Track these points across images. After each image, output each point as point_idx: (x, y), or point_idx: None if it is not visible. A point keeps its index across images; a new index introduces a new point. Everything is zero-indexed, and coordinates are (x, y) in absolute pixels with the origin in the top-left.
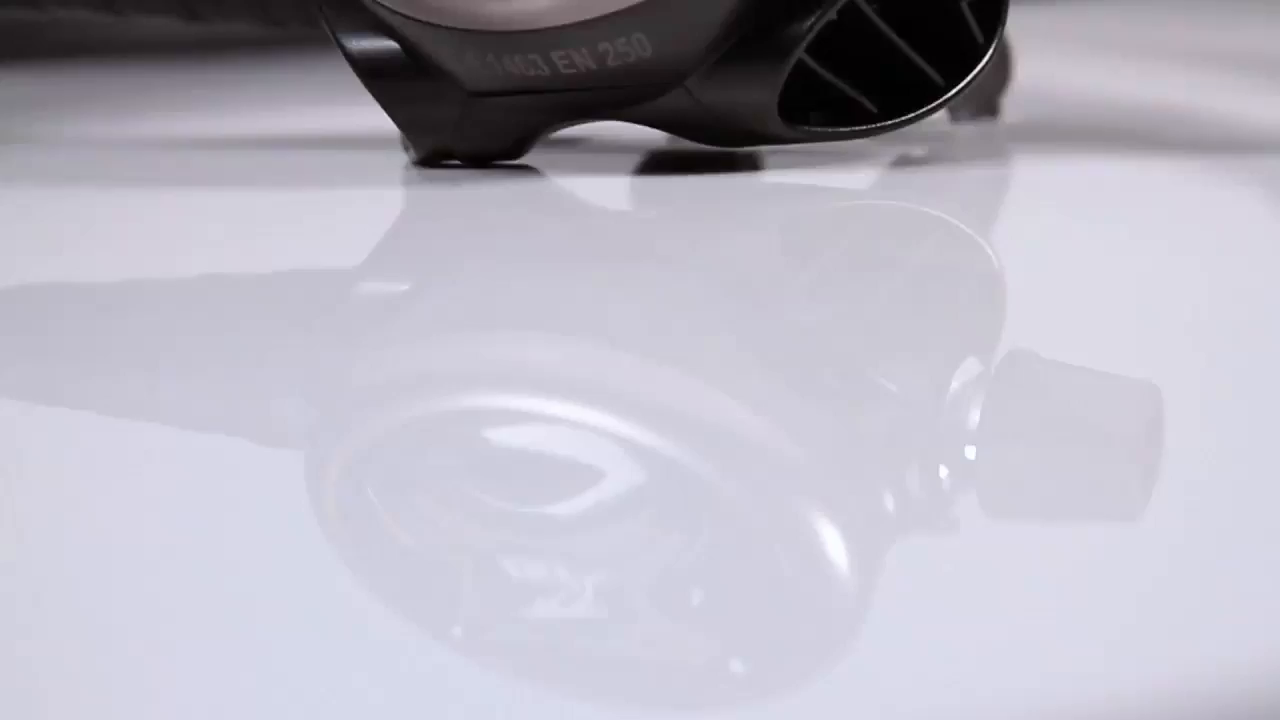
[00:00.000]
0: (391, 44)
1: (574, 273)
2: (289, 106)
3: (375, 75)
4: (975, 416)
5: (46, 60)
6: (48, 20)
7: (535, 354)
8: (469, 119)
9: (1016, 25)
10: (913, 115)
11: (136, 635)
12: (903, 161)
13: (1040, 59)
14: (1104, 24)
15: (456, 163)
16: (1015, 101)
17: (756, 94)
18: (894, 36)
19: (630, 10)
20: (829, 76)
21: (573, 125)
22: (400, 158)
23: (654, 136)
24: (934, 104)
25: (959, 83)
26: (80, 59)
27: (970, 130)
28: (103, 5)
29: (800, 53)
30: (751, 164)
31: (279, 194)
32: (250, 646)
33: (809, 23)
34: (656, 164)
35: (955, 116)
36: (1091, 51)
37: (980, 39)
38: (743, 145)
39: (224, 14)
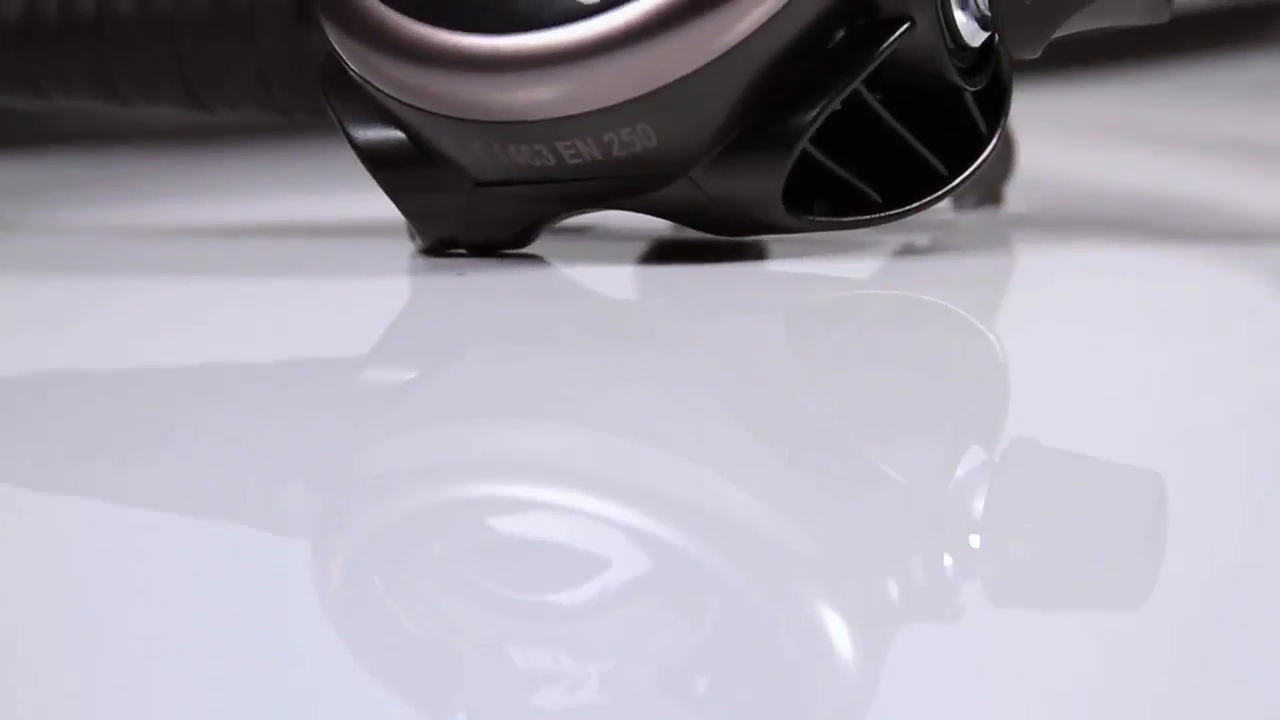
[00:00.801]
0: (397, 133)
1: (579, 360)
2: (294, 193)
3: (381, 164)
4: (980, 505)
5: (43, 144)
6: (51, 108)
7: (540, 441)
8: (474, 208)
9: (1020, 111)
10: (916, 205)
11: None
12: (906, 250)
13: (1044, 146)
14: (1107, 109)
15: (462, 251)
16: (1019, 190)
17: (761, 184)
18: (897, 126)
19: (636, 100)
20: (833, 166)
21: (578, 214)
22: (406, 245)
23: (658, 225)
24: (938, 194)
25: (963, 172)
26: (78, 143)
27: (974, 219)
28: (109, 95)
29: (805, 143)
30: (756, 252)
31: (284, 281)
32: None
33: (814, 113)
34: (661, 252)
35: (959, 205)
36: (1096, 138)
37: (984, 129)
38: (747, 234)
39: (230, 103)
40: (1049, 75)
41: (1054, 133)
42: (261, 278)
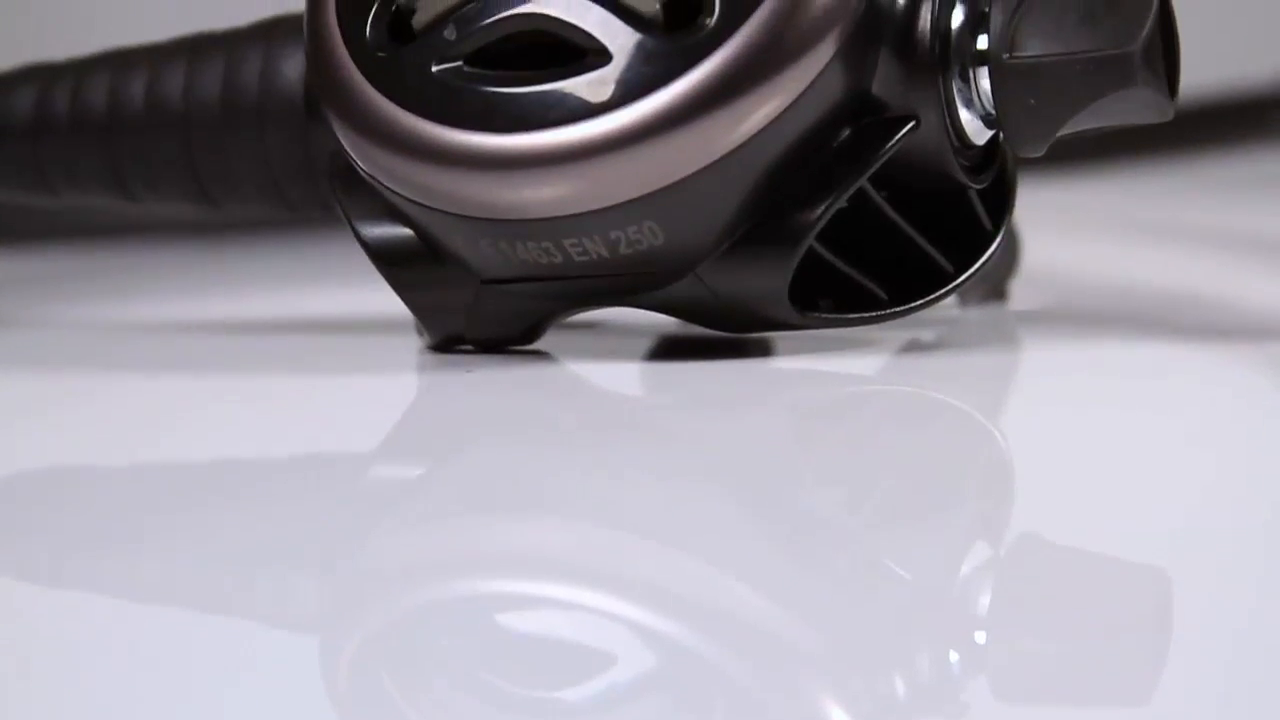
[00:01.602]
0: (405, 230)
1: (586, 456)
2: (302, 288)
3: (389, 261)
4: (985, 601)
5: (44, 238)
6: (59, 204)
7: (548, 537)
8: (482, 305)
9: (1024, 207)
10: (922, 302)
11: None
12: (912, 347)
13: (1049, 242)
14: (1111, 204)
15: (470, 348)
16: (1024, 285)
17: (767, 281)
18: (902, 224)
19: (642, 199)
20: (839, 264)
21: (585, 311)
22: (414, 342)
23: (665, 321)
24: (943, 291)
25: (967, 269)
26: (81, 237)
27: (979, 315)
28: (118, 191)
29: (810, 240)
30: (762, 349)
31: (292, 376)
32: None
33: (819, 211)
34: (667, 349)
35: (964, 301)
36: (1100, 233)
37: (989, 225)
38: (753, 331)
39: (239, 199)
40: (1053, 170)
41: (1058, 228)
42: (270, 373)
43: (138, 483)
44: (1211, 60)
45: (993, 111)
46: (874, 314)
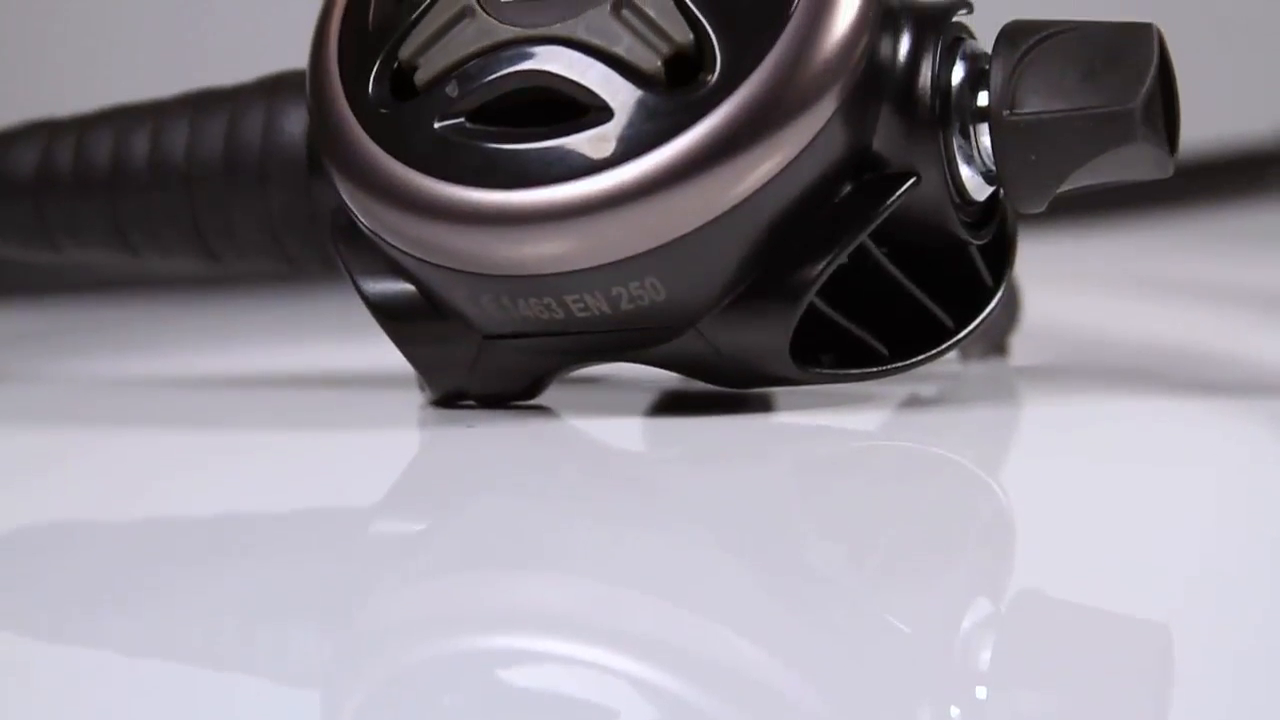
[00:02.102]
0: (407, 286)
1: (588, 513)
2: (303, 342)
3: (391, 316)
4: (986, 657)
5: (45, 293)
6: (62, 260)
7: (549, 593)
8: (484, 360)
9: (1025, 262)
10: (923, 357)
11: None
12: (913, 402)
13: (1049, 297)
14: (1111, 259)
15: (472, 403)
16: (1025, 341)
17: (768, 337)
18: (903, 280)
19: (644, 255)
20: (840, 319)
21: (586, 367)
22: (416, 397)
23: (667, 376)
24: (944, 346)
25: (968, 325)
26: (81, 292)
27: (980, 370)
28: (121, 246)
29: (811, 296)
30: (763, 404)
31: (294, 431)
32: None
33: (820, 267)
34: (669, 404)
35: (965, 356)
36: (1100, 288)
37: (989, 281)
38: (754, 387)
39: (242, 254)
40: (1053, 226)
41: (1059, 283)
42: (271, 428)
43: (138, 538)
44: (1211, 115)
45: (993, 168)
46: (875, 369)
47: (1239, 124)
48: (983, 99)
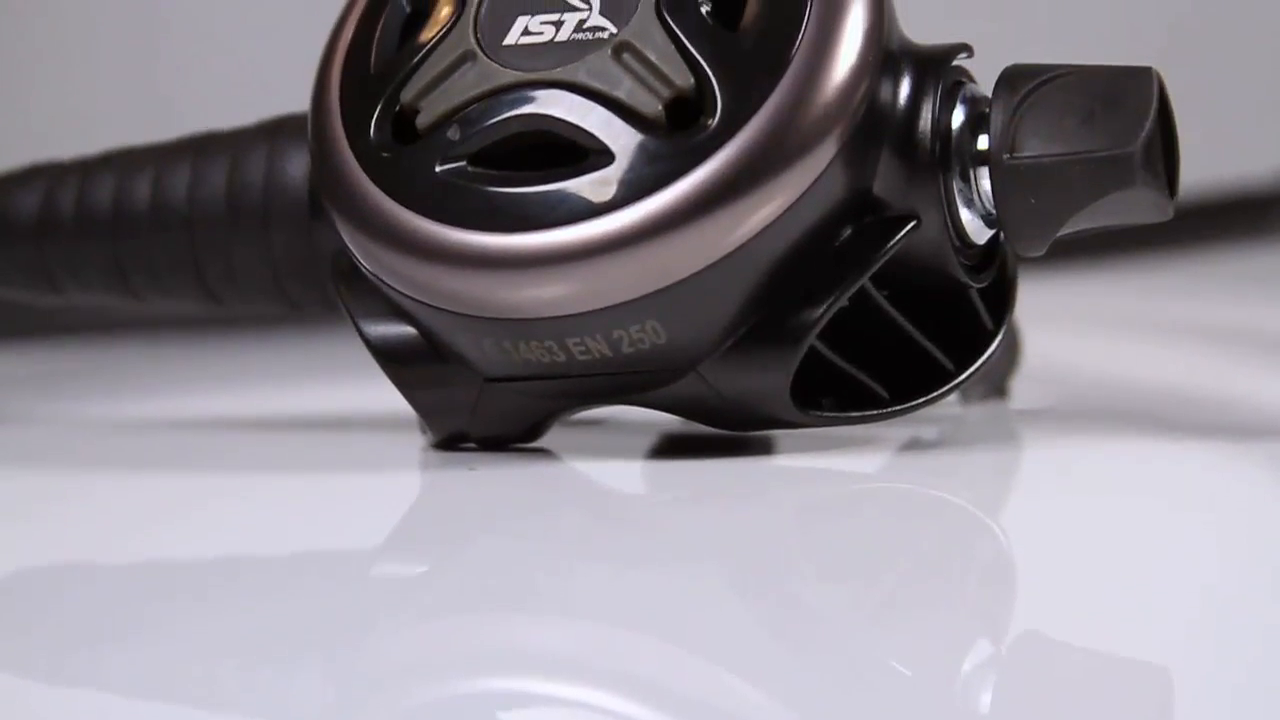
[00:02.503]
0: (409, 329)
1: (589, 555)
2: (304, 385)
3: (393, 359)
4: (986, 699)
5: (45, 335)
6: (64, 302)
7: (550, 635)
8: (485, 403)
9: (1025, 304)
10: (923, 400)
11: None
12: (913, 444)
13: (1050, 339)
14: (1111, 302)
15: (473, 445)
16: (1025, 383)
17: (769, 380)
18: (904, 323)
19: (644, 298)
20: (840, 362)
21: (587, 409)
22: (417, 440)
23: (667, 419)
24: (944, 389)
25: (969, 368)
26: (81, 333)
27: (980, 412)
28: (123, 289)
29: (812, 339)
30: (763, 447)
31: (296, 474)
32: None
33: (821, 310)
34: (670, 447)
35: (965, 399)
36: (1101, 331)
37: (989, 324)
38: (755, 429)
39: (244, 297)
40: (1053, 268)
41: (1059, 325)
42: (272, 469)
43: (139, 579)
44: (1211, 157)
45: (993, 211)
46: (875, 412)
47: (1239, 166)
48: (983, 142)
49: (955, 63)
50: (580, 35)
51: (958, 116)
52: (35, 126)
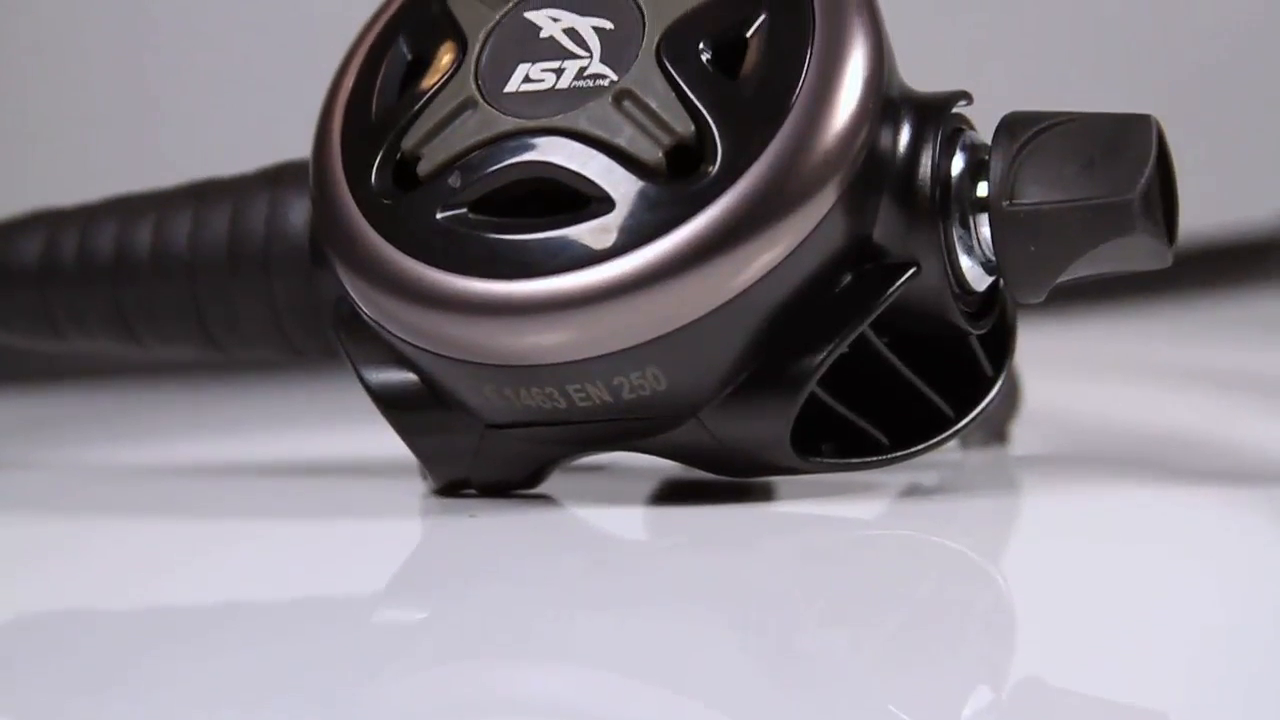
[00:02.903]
0: (409, 375)
1: (590, 602)
2: (305, 431)
3: (394, 406)
4: None
5: (45, 380)
6: (66, 348)
7: (551, 683)
8: (486, 450)
9: (1024, 348)
10: (923, 447)
11: None
12: (913, 490)
13: (1050, 384)
14: (1111, 347)
15: (474, 491)
16: (1025, 428)
17: (769, 427)
18: (903, 369)
19: (645, 344)
20: (840, 409)
21: (588, 456)
22: (418, 486)
23: (668, 464)
24: (943, 436)
25: (969, 413)
26: (80, 378)
27: (980, 458)
28: (125, 335)
29: (812, 386)
30: (764, 493)
31: (296, 520)
32: None
33: (821, 357)
34: (670, 493)
35: (965, 444)
36: (1100, 376)
37: (989, 370)
38: (755, 476)
39: (245, 343)
40: (1053, 313)
41: (1059, 370)
42: (273, 516)
43: (139, 626)
44: (1210, 203)
45: (993, 258)
46: (875, 459)
47: (1238, 211)
48: (982, 189)
49: (955, 110)
50: (581, 83)
51: (957, 163)
52: (38, 175)
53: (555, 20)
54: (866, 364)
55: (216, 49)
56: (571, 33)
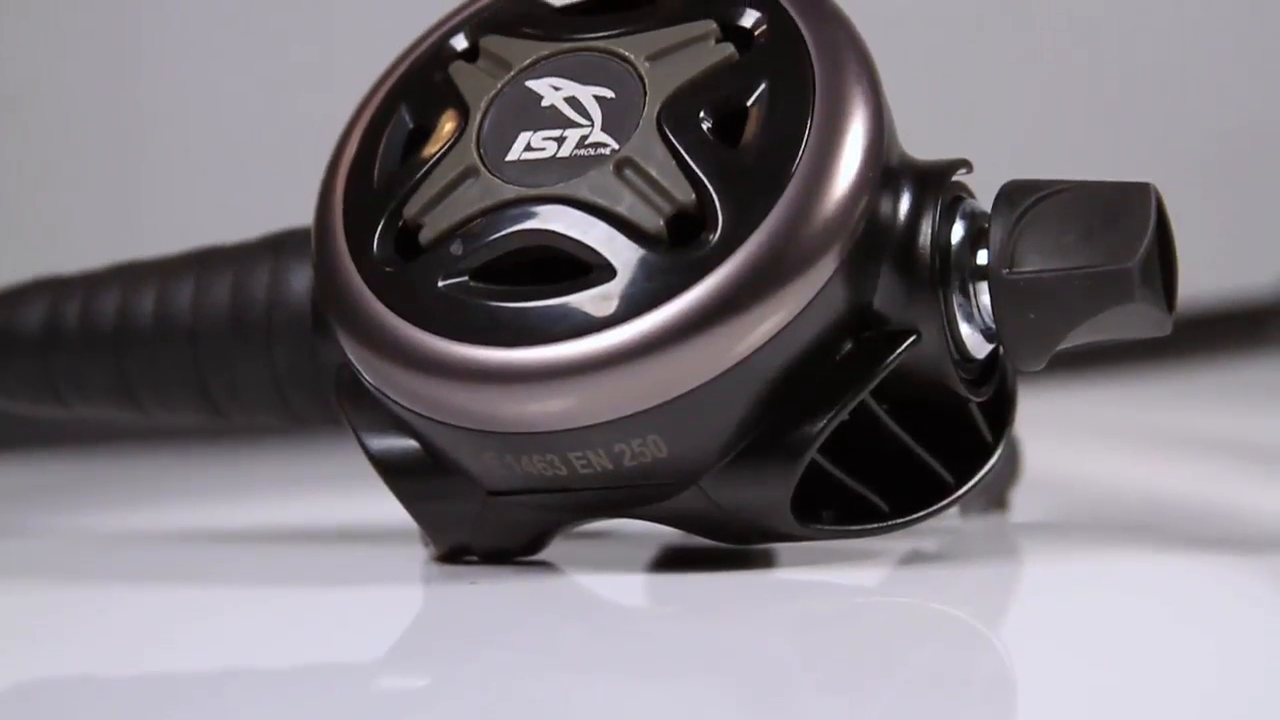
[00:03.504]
0: (411, 442)
1: (591, 669)
2: (306, 497)
3: (395, 472)
4: None
5: (44, 446)
6: (69, 415)
7: None
8: (487, 516)
9: (1024, 415)
10: (923, 514)
11: None
12: (914, 557)
13: (1049, 451)
14: (1110, 413)
15: (475, 558)
16: (1025, 495)
17: (769, 494)
18: (904, 436)
19: (646, 412)
20: (841, 476)
21: (589, 522)
22: (420, 552)
23: (669, 531)
24: (943, 503)
25: (968, 481)
26: (82, 445)
27: (980, 525)
28: (127, 403)
29: (812, 453)
30: (764, 560)
31: (298, 586)
32: None
33: (821, 424)
34: (671, 560)
35: (965, 511)
36: (1099, 442)
37: (989, 437)
38: (756, 543)
39: (247, 410)
40: (1052, 379)
41: (1059, 436)
42: (274, 582)
43: (139, 693)
44: (1210, 269)
45: (993, 325)
46: (875, 525)
47: (1238, 278)
48: (982, 257)
49: (954, 178)
50: (582, 151)
51: (957, 231)
52: (41, 242)
53: (557, 89)
54: (867, 431)
55: (221, 116)
56: (573, 101)
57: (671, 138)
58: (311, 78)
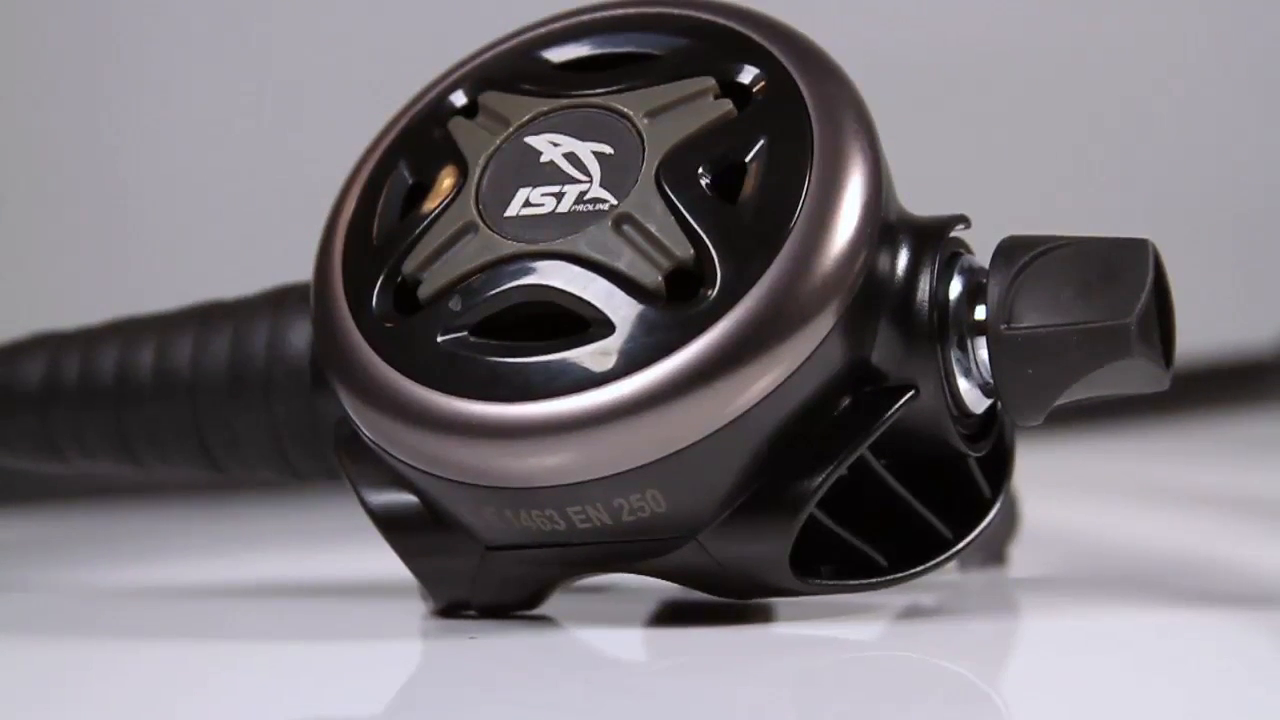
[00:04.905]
0: (409, 497)
1: None
2: (304, 552)
3: (394, 527)
4: None
5: (43, 501)
6: (68, 470)
7: None
8: (486, 571)
9: (1022, 469)
10: (921, 569)
11: None
12: (912, 611)
13: (1048, 505)
14: (1108, 467)
15: (474, 613)
16: (1023, 550)
17: (768, 549)
18: (902, 491)
19: (644, 467)
20: (839, 530)
21: (588, 577)
22: (418, 607)
23: (668, 585)
24: (942, 558)
25: (967, 535)
26: (81, 499)
27: (979, 580)
28: (126, 457)
29: (811, 508)
30: (763, 614)
31: (295, 642)
32: None
33: (820, 479)
34: (670, 614)
35: (964, 566)
36: (1098, 496)
37: (988, 492)
38: (754, 597)
39: (246, 465)
40: (1051, 434)
41: (1057, 491)
42: (272, 638)
43: None
44: (1208, 324)
45: (991, 381)
46: (874, 580)
47: (1237, 332)
48: (980, 313)
49: (952, 234)
50: (581, 207)
51: (955, 287)
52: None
53: (555, 145)
54: (865, 486)
55: (219, 170)
56: (571, 157)
57: (670, 194)
58: (312, 131)
